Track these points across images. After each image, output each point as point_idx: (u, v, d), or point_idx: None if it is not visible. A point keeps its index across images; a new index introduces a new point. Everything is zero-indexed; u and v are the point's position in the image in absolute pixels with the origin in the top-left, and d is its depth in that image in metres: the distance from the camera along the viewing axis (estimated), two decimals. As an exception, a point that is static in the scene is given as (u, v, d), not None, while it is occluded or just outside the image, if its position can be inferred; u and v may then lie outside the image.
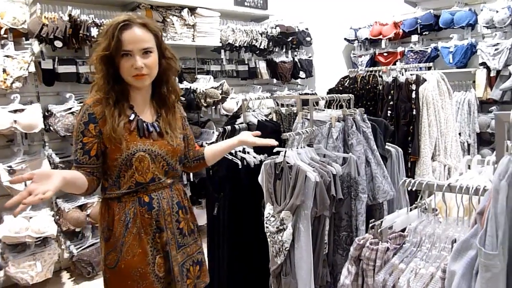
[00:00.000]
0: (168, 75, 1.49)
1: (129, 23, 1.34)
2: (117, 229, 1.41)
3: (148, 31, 1.38)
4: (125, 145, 1.36)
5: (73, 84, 3.16)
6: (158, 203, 1.45)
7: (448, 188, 1.06)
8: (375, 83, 3.36)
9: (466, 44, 4.05)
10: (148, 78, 1.41)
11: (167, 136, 1.48)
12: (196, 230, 1.67)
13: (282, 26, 4.35)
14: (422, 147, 3.03)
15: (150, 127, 1.44)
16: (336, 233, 2.25)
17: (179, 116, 1.62)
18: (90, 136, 1.37)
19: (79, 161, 1.38)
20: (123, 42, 1.32)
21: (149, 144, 1.42)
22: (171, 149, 1.47)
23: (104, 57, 1.35)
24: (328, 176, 2.05)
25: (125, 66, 1.35)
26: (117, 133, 1.35)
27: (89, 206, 3.08)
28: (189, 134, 1.70)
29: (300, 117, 2.46)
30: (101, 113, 1.37)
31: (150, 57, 1.38)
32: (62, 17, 2.84)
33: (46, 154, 2.98)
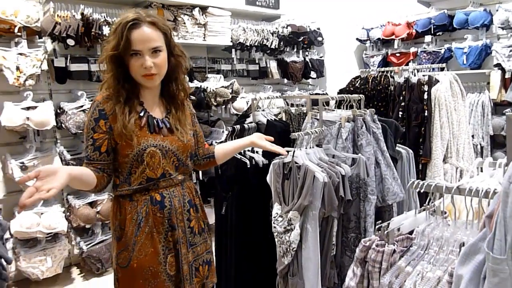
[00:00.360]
0: (177, 73, 1.49)
1: (138, 22, 1.33)
2: (129, 228, 1.41)
3: (157, 30, 1.38)
4: (136, 141, 1.36)
5: (85, 82, 3.20)
6: (170, 201, 1.45)
7: (457, 191, 1.04)
8: (386, 84, 3.33)
9: (480, 45, 3.98)
10: (158, 77, 1.41)
11: (177, 132, 1.48)
12: (207, 229, 1.66)
13: (294, 25, 4.33)
14: (434, 149, 2.99)
15: (160, 123, 1.45)
16: (344, 235, 2.23)
17: (189, 113, 1.62)
18: (101, 132, 1.38)
19: (89, 157, 1.39)
20: (132, 41, 1.32)
21: (160, 139, 1.42)
22: (182, 145, 1.48)
23: (113, 57, 1.35)
24: (336, 177, 2.03)
25: (134, 65, 1.35)
26: (128, 129, 1.36)
27: (99, 203, 3.10)
28: (199, 131, 1.70)
29: (310, 117, 2.45)
30: (111, 109, 1.38)
31: (159, 56, 1.37)
32: (75, 16, 2.87)
33: (58, 151, 3.01)
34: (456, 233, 0.99)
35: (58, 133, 3.16)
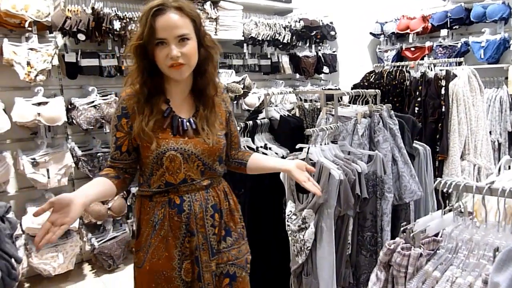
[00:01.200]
0: (206, 65, 1.36)
1: (163, 8, 1.21)
2: (146, 229, 1.36)
3: (184, 16, 1.25)
4: (155, 143, 1.28)
5: (96, 78, 3.17)
6: (190, 205, 1.34)
7: (489, 191, 0.97)
8: (402, 79, 3.25)
9: (498, 39, 3.87)
10: (187, 69, 1.28)
11: (203, 133, 1.35)
12: (241, 236, 1.50)
13: (306, 20, 4.25)
14: (451, 145, 2.91)
15: (185, 124, 1.34)
16: (360, 233, 2.18)
17: (223, 111, 1.48)
18: (122, 131, 1.32)
19: (112, 156, 1.35)
20: (157, 29, 1.21)
21: (182, 142, 1.31)
22: (207, 148, 1.34)
23: (138, 47, 1.25)
24: (352, 174, 1.97)
25: (159, 55, 1.24)
26: (146, 133, 1.27)
27: (110, 200, 3.08)
28: (233, 131, 1.56)
29: (324, 113, 2.39)
30: (133, 108, 1.30)
31: (187, 45, 1.25)
32: (85, 10, 2.84)
33: (69, 147, 3.00)
34: (487, 236, 0.93)
35: (69, 129, 3.14)
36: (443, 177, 2.97)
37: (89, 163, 3.00)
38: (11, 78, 2.82)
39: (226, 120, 1.50)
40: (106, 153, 3.08)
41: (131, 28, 2.99)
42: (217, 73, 1.42)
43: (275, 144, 2.42)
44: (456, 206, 1.12)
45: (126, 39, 3.03)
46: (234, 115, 1.58)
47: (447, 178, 2.86)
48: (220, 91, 1.48)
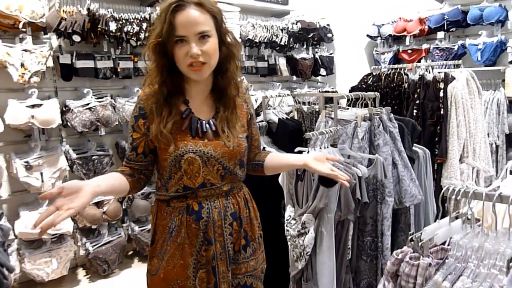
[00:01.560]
0: (228, 64, 1.29)
1: (183, 4, 1.16)
2: (162, 235, 1.32)
3: (205, 12, 1.19)
4: (174, 145, 1.23)
5: (91, 80, 3.13)
6: (208, 213, 1.29)
7: (499, 198, 0.95)
8: (400, 81, 3.23)
9: (495, 42, 3.87)
10: (207, 68, 1.22)
11: (223, 135, 1.29)
12: (258, 246, 1.44)
13: (303, 22, 4.23)
14: (450, 148, 2.89)
15: (205, 126, 1.28)
16: (360, 238, 2.15)
17: (245, 112, 1.42)
18: (139, 132, 1.28)
19: (128, 156, 1.31)
20: (176, 26, 1.15)
21: (201, 145, 1.26)
22: (228, 151, 1.29)
23: (156, 45, 1.20)
24: (353, 179, 1.95)
25: (179, 54, 1.19)
26: (163, 135, 1.22)
27: (105, 203, 3.04)
28: (254, 134, 1.50)
29: (324, 116, 2.36)
30: (151, 108, 1.26)
31: (208, 42, 1.19)
32: (81, 11, 2.80)
33: (63, 150, 2.95)
34: (498, 244, 0.90)
35: (63, 132, 3.09)
36: (442, 180, 2.95)
37: (84, 166, 2.95)
38: (4, 80, 2.77)
39: (248, 122, 1.44)
40: (102, 156, 3.03)
41: (127, 29, 2.94)
42: (239, 73, 1.35)
43: (274, 147, 2.39)
44: (462, 212, 1.09)
45: (122, 40, 2.99)
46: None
47: (454, 183, 2.84)
48: (242, 91, 1.42)
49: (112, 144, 3.33)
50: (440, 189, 2.97)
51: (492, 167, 3.36)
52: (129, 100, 3.12)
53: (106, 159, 3.06)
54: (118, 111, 3.06)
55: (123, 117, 3.05)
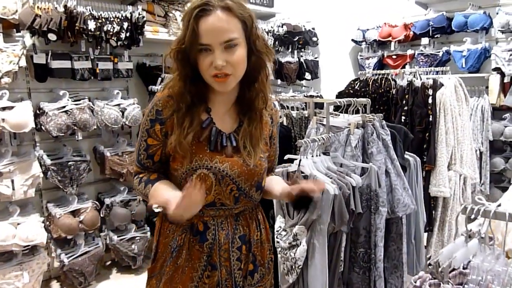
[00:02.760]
0: (257, 73, 1.16)
1: (208, 8, 1.04)
2: (163, 254, 1.21)
3: (233, 17, 1.06)
4: (188, 157, 1.12)
5: (67, 81, 2.95)
6: (214, 234, 1.17)
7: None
8: (388, 87, 3.18)
9: (479, 49, 3.90)
10: (233, 80, 1.10)
11: (244, 152, 1.16)
12: (268, 271, 1.32)
13: (289, 25, 4.16)
14: (439, 155, 2.86)
15: (225, 140, 1.16)
16: (353, 250, 2.07)
17: (268, 130, 1.28)
18: (156, 139, 1.16)
19: (143, 163, 1.19)
20: (200, 33, 1.04)
21: (218, 160, 1.13)
22: (246, 171, 1.16)
23: (179, 52, 1.09)
24: (347, 188, 1.87)
25: (203, 64, 1.07)
26: (183, 147, 1.11)
27: (82, 212, 2.87)
28: (271, 155, 1.34)
29: (315, 122, 2.28)
30: (170, 113, 1.14)
31: (235, 51, 1.07)
32: (57, 8, 2.64)
33: (37, 155, 2.77)
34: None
35: (37, 136, 2.90)
36: (430, 187, 2.91)
37: (59, 173, 2.78)
38: (-28, 80, 2.57)
39: (270, 140, 1.30)
40: (78, 162, 2.87)
41: (107, 28, 2.79)
42: (269, 84, 1.21)
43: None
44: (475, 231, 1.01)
45: (102, 40, 2.83)
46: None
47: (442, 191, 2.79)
48: (270, 105, 1.28)
49: (89, 149, 3.16)
50: (428, 196, 2.93)
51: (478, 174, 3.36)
52: (108, 103, 2.97)
53: (83, 165, 2.89)
54: (97, 114, 2.90)
55: (101, 121, 2.89)
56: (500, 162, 3.83)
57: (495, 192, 3.91)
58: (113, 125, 2.92)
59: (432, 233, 3.01)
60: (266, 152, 1.25)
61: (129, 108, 3.01)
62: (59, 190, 2.92)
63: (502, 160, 3.84)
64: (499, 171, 3.87)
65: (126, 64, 3.10)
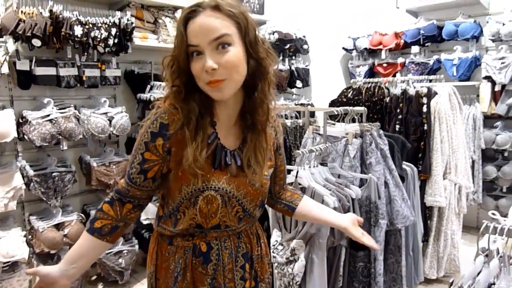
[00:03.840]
0: (258, 81, 1.04)
1: (197, 9, 0.97)
2: (165, 280, 1.11)
3: (224, 15, 0.96)
4: (200, 177, 1.02)
5: (52, 88, 2.84)
6: (218, 255, 1.09)
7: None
8: (381, 95, 3.15)
9: (470, 57, 3.90)
10: (229, 84, 0.98)
11: (249, 171, 1.07)
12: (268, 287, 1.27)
13: (280, 32, 4.11)
14: (434, 165, 2.82)
15: (229, 158, 1.06)
16: (352, 264, 2.01)
17: (272, 142, 1.19)
18: (155, 154, 1.03)
19: (132, 178, 1.05)
20: (188, 35, 0.96)
21: (224, 181, 1.04)
22: (252, 191, 1.09)
23: (170, 61, 1.01)
24: (346, 201, 1.80)
25: (195, 70, 0.98)
26: (198, 164, 1.00)
27: (66, 225, 2.74)
28: (280, 165, 1.28)
29: (311, 132, 2.21)
30: (177, 128, 1.01)
31: (228, 52, 0.95)
32: (42, 13, 2.53)
33: (19, 166, 2.64)
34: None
35: (19, 146, 2.77)
36: (426, 197, 2.87)
37: (42, 184, 2.65)
38: (-50, 87, 2.45)
39: (274, 153, 1.23)
40: (63, 172, 2.74)
41: (95, 34, 2.70)
42: (273, 92, 1.09)
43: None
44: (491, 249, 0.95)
45: (89, 46, 2.73)
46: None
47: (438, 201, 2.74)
48: (273, 117, 1.17)
49: (75, 159, 3.04)
50: (424, 206, 2.89)
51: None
52: (95, 111, 2.85)
53: (68, 176, 2.77)
54: (83, 123, 2.79)
55: (88, 130, 2.78)
56: (492, 170, 3.82)
57: (488, 200, 3.90)
58: (100, 134, 2.81)
59: (428, 243, 2.96)
60: (270, 169, 1.18)
61: (116, 116, 2.91)
62: (42, 202, 2.79)
63: (494, 168, 3.82)
64: (491, 179, 3.86)
65: (114, 71, 3.00)
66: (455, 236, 2.98)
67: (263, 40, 1.05)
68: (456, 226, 3.01)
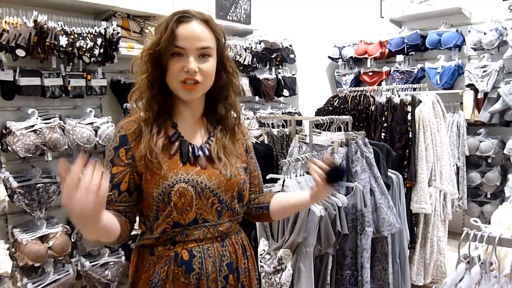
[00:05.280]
0: (227, 92, 1.18)
1: (189, 16, 1.07)
2: None
3: (210, 30, 1.10)
4: (162, 174, 1.05)
5: (36, 99, 2.81)
6: (201, 263, 1.08)
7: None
8: (367, 104, 3.19)
9: (453, 65, 3.98)
10: (201, 88, 1.10)
11: (219, 163, 1.12)
12: None
13: (267, 42, 4.15)
14: (419, 172, 2.86)
15: (197, 150, 1.12)
16: (339, 272, 2.01)
17: (241, 142, 1.26)
18: (121, 165, 1.07)
19: (107, 198, 1.02)
20: (177, 36, 1.04)
21: (194, 173, 1.08)
22: (224, 181, 1.11)
23: (152, 55, 1.07)
24: (333, 209, 1.81)
25: (174, 67, 1.05)
26: (154, 154, 1.05)
27: (51, 237, 2.69)
28: (253, 170, 1.29)
29: (297, 141, 2.22)
30: (135, 133, 1.09)
31: (207, 62, 1.08)
32: (26, 23, 2.51)
33: (2, 177, 2.59)
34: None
35: (3, 157, 2.73)
36: (412, 204, 2.90)
37: (26, 196, 2.61)
38: None
39: (245, 154, 1.27)
40: (48, 184, 2.70)
41: (80, 44, 2.68)
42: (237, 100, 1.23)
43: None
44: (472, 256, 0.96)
45: (74, 56, 2.71)
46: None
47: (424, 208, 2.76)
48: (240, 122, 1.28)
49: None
50: (410, 213, 2.91)
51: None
52: (80, 121, 2.83)
53: (53, 187, 2.73)
54: (68, 133, 2.76)
55: (73, 140, 2.75)
56: (477, 177, 3.88)
57: (473, 206, 3.95)
58: (85, 145, 2.78)
59: (414, 250, 2.99)
60: (242, 164, 1.22)
61: (102, 126, 2.88)
62: (26, 214, 2.74)
63: (478, 174, 3.88)
64: (476, 186, 3.92)
65: (99, 81, 2.98)
66: (441, 242, 3.01)
67: (230, 59, 1.19)
68: (442, 233, 3.04)
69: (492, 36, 3.67)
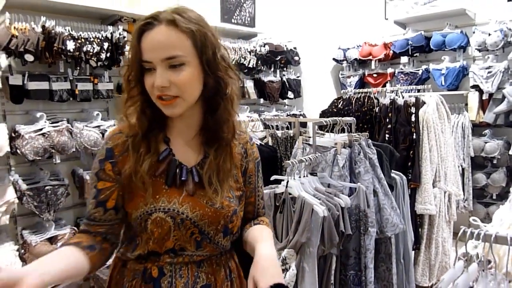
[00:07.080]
0: (219, 99, 1.00)
1: (152, 22, 0.92)
2: None
3: (179, 32, 0.91)
4: (146, 197, 0.95)
5: (45, 102, 2.86)
6: (170, 283, 0.97)
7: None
8: (371, 105, 3.20)
9: (458, 67, 3.98)
10: (181, 103, 0.94)
11: (209, 189, 0.99)
12: None
13: (271, 44, 4.18)
14: (424, 173, 2.86)
15: (185, 174, 0.99)
16: (343, 272, 2.03)
17: (239, 163, 1.09)
18: (108, 180, 0.98)
19: (90, 216, 0.98)
20: (142, 49, 0.92)
21: (177, 201, 0.96)
22: (210, 213, 0.98)
23: (126, 72, 0.97)
24: (336, 210, 1.83)
25: (147, 84, 0.94)
26: (138, 176, 0.95)
27: (60, 238, 2.74)
28: (249, 196, 1.13)
29: (301, 142, 2.25)
30: (123, 147, 0.99)
31: (182, 71, 0.92)
32: (35, 28, 2.56)
33: (12, 180, 2.65)
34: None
35: (12, 160, 2.78)
36: (416, 205, 2.91)
37: (35, 198, 2.66)
38: None
39: (245, 176, 1.11)
40: (56, 186, 2.75)
41: (87, 49, 2.73)
42: (236, 110, 1.05)
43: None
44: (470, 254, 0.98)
45: (81, 60, 2.76)
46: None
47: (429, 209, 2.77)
48: (245, 137, 1.13)
49: (68, 172, 3.05)
50: (414, 214, 2.92)
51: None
52: (87, 124, 2.88)
53: (61, 190, 2.77)
54: (76, 136, 2.81)
55: (80, 143, 2.80)
56: (482, 178, 3.87)
57: (478, 207, 3.94)
58: (92, 147, 2.83)
59: (419, 251, 2.99)
60: (237, 191, 1.07)
61: (109, 129, 2.93)
62: (35, 216, 2.79)
63: (484, 175, 3.87)
64: (481, 187, 3.91)
65: (106, 84, 3.03)
66: (446, 243, 3.01)
67: (223, 57, 1.00)
68: (447, 234, 3.04)
69: (496, 37, 3.66)
